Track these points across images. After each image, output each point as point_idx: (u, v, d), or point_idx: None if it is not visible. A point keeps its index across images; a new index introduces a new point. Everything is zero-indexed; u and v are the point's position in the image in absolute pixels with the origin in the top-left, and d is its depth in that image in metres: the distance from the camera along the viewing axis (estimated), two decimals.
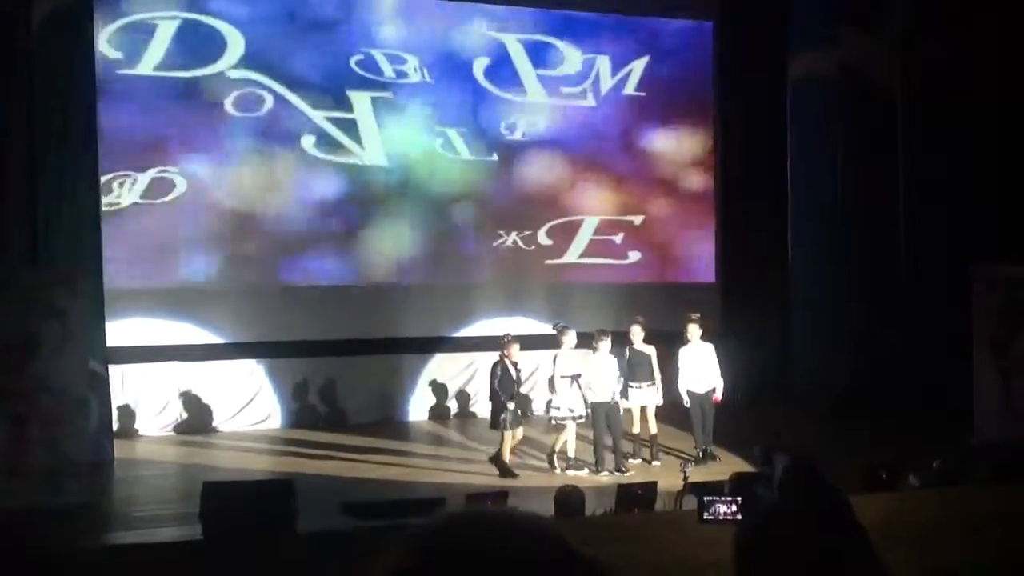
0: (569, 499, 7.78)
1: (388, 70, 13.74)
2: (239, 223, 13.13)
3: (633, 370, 10.65)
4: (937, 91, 13.09)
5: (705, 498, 6.37)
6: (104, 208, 12.16)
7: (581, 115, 14.73)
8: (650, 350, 10.81)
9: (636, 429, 10.86)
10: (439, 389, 14.04)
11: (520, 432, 10.50)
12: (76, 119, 11.22)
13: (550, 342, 11.01)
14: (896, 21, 13.42)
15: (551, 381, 10.40)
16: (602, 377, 10.28)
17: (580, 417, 10.39)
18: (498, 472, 10.16)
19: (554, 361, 10.40)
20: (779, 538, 2.06)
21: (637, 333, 10.80)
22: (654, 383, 10.75)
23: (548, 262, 14.55)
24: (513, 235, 14.32)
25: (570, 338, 10.51)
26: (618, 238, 14.90)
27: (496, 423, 10.27)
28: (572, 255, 14.70)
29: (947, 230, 13.08)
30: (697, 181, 15.32)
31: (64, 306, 9.32)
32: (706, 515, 6.22)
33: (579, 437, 10.54)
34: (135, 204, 12.69)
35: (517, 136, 14.37)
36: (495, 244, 14.29)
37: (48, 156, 10.89)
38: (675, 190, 15.17)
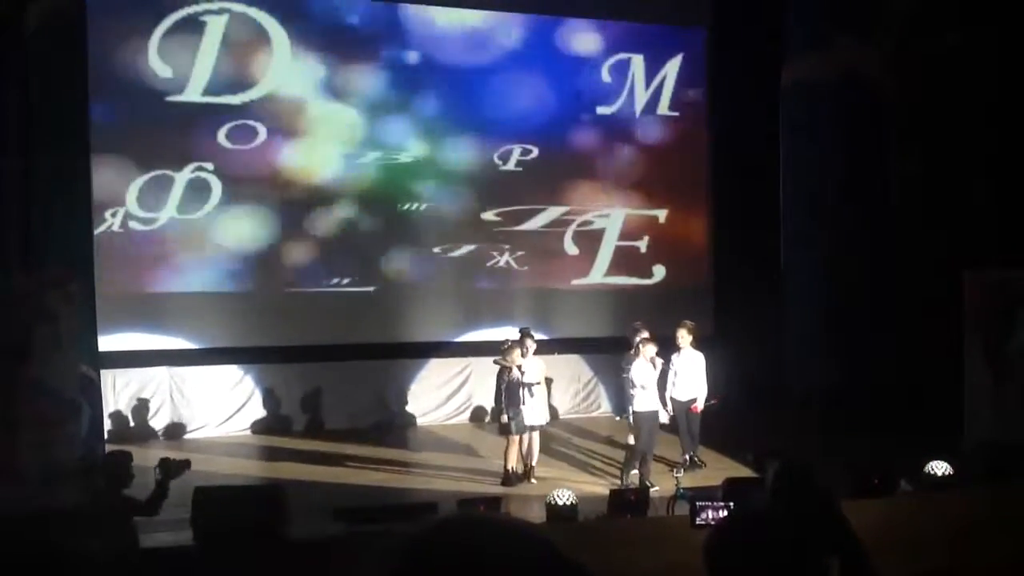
0: (561, 505, 7.79)
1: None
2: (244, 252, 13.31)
3: None
4: (934, 93, 13.10)
5: (697, 503, 6.39)
6: (142, 226, 12.58)
7: (576, 126, 14.75)
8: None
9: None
10: (432, 394, 14.02)
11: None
12: (70, 122, 11.19)
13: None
14: (893, 23, 13.42)
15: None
16: (642, 385, 9.85)
17: (532, 427, 10.28)
18: (501, 480, 10.10)
19: (519, 368, 10.25)
20: (744, 544, 2.09)
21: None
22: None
23: (575, 282, 14.65)
24: (506, 255, 14.36)
25: (528, 344, 10.42)
26: (642, 243, 14.91)
27: (505, 428, 10.18)
28: (598, 273, 14.77)
29: (943, 232, 13.08)
30: (692, 184, 15.33)
31: (56, 310, 9.29)
32: (698, 520, 6.23)
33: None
34: (172, 218, 12.86)
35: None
36: (489, 264, 14.32)
37: (41, 159, 10.86)
38: (669, 195, 15.18)
